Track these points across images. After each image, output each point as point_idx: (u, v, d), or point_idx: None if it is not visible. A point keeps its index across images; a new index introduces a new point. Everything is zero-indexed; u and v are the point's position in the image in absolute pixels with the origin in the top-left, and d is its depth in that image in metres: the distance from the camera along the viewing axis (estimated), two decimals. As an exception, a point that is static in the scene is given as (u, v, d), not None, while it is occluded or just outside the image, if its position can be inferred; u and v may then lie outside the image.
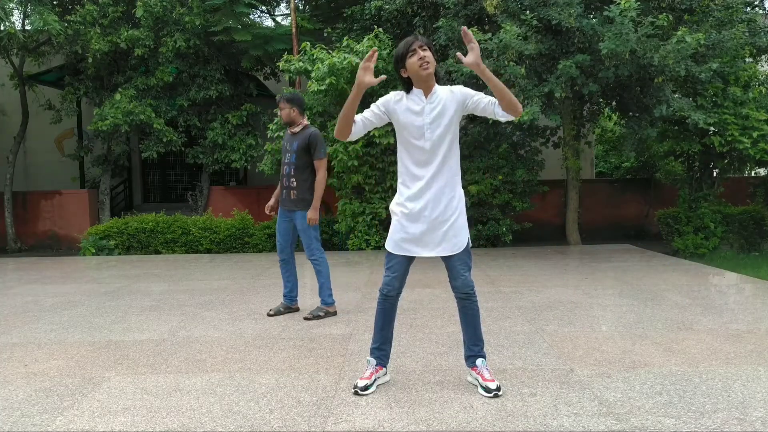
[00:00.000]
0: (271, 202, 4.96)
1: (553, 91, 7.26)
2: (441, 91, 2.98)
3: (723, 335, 3.97)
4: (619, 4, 6.81)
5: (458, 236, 2.97)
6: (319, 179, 4.67)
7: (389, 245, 3.01)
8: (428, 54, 2.88)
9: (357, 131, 2.96)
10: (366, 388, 2.98)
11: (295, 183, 4.67)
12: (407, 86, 2.99)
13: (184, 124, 11.52)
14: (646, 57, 7.02)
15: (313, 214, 4.65)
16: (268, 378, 3.27)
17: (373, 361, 3.09)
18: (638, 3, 6.87)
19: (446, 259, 3.01)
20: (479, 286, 4.36)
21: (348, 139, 2.97)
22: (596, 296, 5.41)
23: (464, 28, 2.83)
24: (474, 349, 3.07)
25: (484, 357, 3.07)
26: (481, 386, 2.95)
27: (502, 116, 2.88)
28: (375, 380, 3.05)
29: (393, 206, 3.07)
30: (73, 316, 4.98)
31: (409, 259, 3.03)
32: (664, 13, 7.19)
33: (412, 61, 2.88)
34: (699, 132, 8.27)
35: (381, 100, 3.02)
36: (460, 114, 2.98)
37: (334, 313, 4.77)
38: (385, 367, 3.13)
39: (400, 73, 2.97)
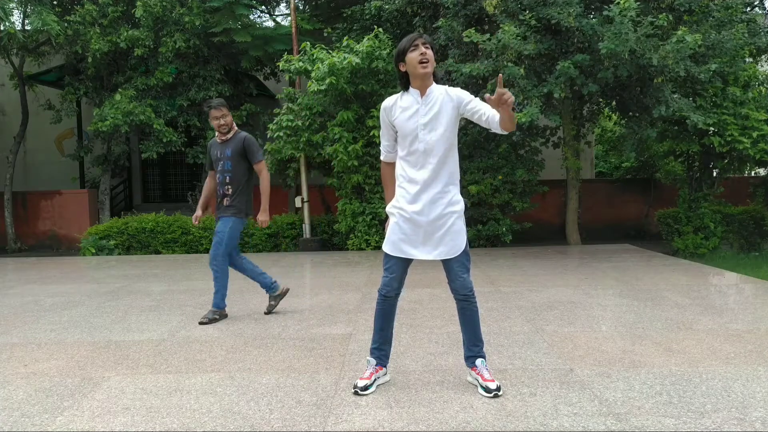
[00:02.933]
0: (199, 212, 4.87)
1: (552, 92, 7.26)
2: (437, 91, 2.96)
3: (723, 335, 3.97)
4: (619, 3, 6.80)
5: (455, 240, 2.95)
6: (264, 180, 4.73)
7: (387, 247, 3.00)
8: (429, 52, 2.88)
9: (394, 156, 3.13)
10: (366, 388, 2.98)
11: (230, 190, 4.64)
12: (404, 83, 3.00)
13: (184, 124, 11.52)
14: (645, 57, 7.02)
15: (264, 216, 4.74)
16: (268, 378, 3.27)
17: (373, 361, 3.09)
18: (638, 4, 6.86)
19: (445, 262, 3.00)
20: (479, 286, 4.36)
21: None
22: (596, 296, 5.41)
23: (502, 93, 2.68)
24: (474, 349, 3.07)
25: (483, 357, 3.07)
26: (481, 386, 2.95)
27: (495, 130, 2.87)
28: (375, 380, 3.05)
29: (390, 208, 3.06)
30: (73, 316, 4.98)
31: (408, 261, 3.03)
32: (664, 14, 7.19)
33: (413, 56, 2.88)
34: (698, 132, 8.28)
35: (381, 115, 3.06)
36: (457, 117, 2.95)
37: (226, 316, 4.79)
38: (385, 367, 3.13)
39: (399, 67, 2.97)
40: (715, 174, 9.43)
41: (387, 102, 3.04)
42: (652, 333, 4.06)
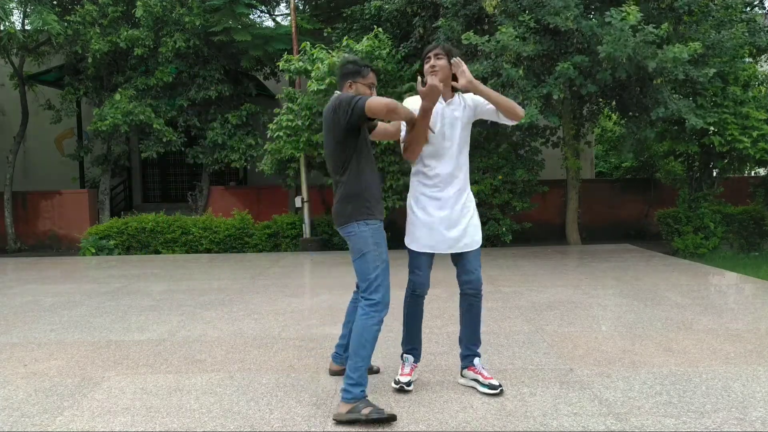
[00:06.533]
0: None
1: (551, 92, 7.25)
2: (458, 98, 3.11)
3: (723, 335, 3.97)
4: (623, 12, 6.77)
5: (475, 234, 3.10)
6: None
7: (413, 245, 3.06)
8: (440, 63, 3.00)
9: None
10: (409, 383, 3.03)
11: None
12: None
13: (184, 124, 11.51)
14: (644, 61, 7.02)
15: None
16: (268, 378, 3.27)
17: (411, 359, 3.14)
18: (641, 15, 6.83)
19: (461, 256, 3.08)
20: (479, 286, 4.35)
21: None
22: (596, 296, 5.41)
23: (456, 60, 2.98)
24: (472, 348, 3.12)
25: (479, 356, 3.13)
26: (484, 384, 2.99)
27: (505, 121, 3.06)
28: (415, 376, 3.11)
29: (412, 208, 3.11)
30: (73, 316, 4.98)
31: (432, 257, 3.10)
32: (665, 23, 7.16)
33: (425, 67, 3.05)
34: (698, 132, 8.28)
35: (408, 103, 3.06)
36: (471, 120, 3.12)
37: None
38: (418, 363, 3.19)
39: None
40: (715, 174, 9.42)
41: (417, 99, 3.04)
42: (652, 333, 4.06)
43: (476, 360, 3.09)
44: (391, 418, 2.62)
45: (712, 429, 2.52)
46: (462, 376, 3.14)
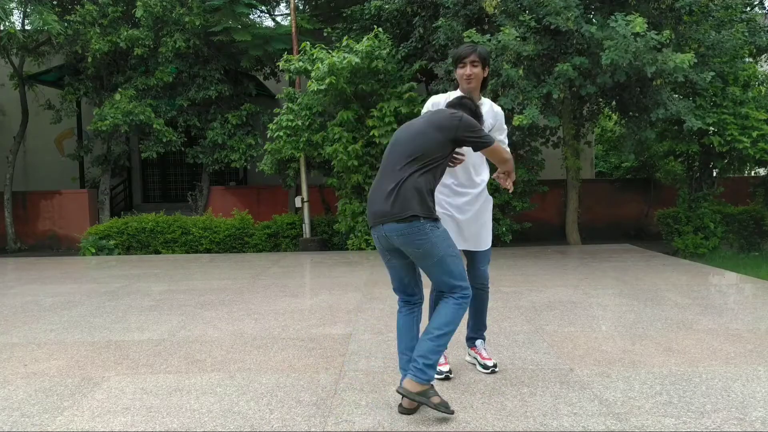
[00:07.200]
0: None
1: (551, 92, 7.25)
2: (486, 104, 3.23)
3: (723, 335, 3.97)
4: (630, 23, 6.75)
5: (487, 237, 3.28)
6: None
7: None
8: (476, 71, 3.11)
9: None
10: (450, 371, 3.16)
11: None
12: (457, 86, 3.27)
13: (184, 124, 11.52)
14: (644, 67, 7.01)
15: None
16: (268, 378, 3.27)
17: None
18: (646, 25, 6.82)
19: (472, 253, 3.27)
20: (479, 286, 4.35)
21: None
22: (596, 296, 5.41)
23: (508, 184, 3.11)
24: (478, 332, 3.38)
25: (483, 339, 3.39)
26: (480, 364, 3.28)
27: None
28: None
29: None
30: (73, 316, 4.98)
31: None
32: (667, 30, 7.14)
33: (459, 73, 3.15)
34: (698, 132, 8.28)
35: (428, 106, 3.23)
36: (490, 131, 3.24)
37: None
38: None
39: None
40: (715, 174, 9.42)
41: (437, 98, 3.25)
42: (652, 333, 4.06)
43: (478, 342, 3.36)
44: (452, 413, 2.63)
45: (712, 429, 2.52)
46: (468, 354, 3.43)
